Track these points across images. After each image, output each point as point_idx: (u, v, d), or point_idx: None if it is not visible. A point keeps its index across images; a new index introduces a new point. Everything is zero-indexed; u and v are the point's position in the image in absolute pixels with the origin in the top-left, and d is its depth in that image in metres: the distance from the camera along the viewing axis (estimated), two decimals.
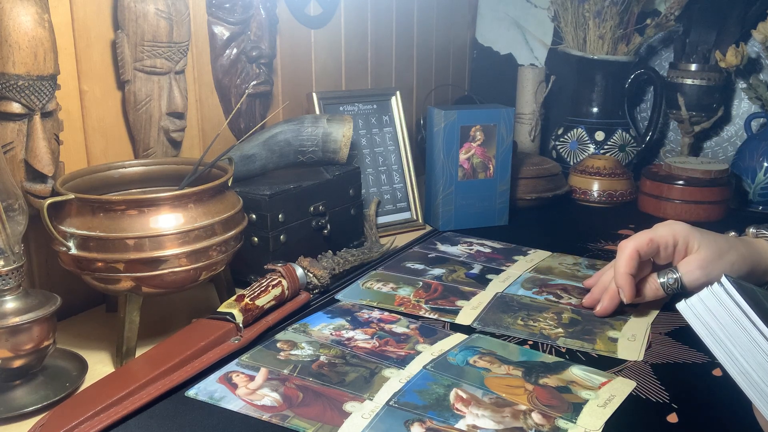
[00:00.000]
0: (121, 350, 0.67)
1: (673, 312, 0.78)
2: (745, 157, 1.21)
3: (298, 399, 0.59)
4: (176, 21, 0.80)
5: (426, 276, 0.88)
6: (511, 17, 1.53)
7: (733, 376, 0.45)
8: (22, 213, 0.61)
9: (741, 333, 0.45)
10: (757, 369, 0.44)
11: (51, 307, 0.60)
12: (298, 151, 0.94)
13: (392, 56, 1.31)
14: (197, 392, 0.61)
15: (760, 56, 1.28)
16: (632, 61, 1.32)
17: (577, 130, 1.35)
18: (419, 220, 1.11)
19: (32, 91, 0.65)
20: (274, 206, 0.83)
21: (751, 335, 0.44)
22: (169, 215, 0.65)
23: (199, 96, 0.91)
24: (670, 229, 0.74)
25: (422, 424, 0.56)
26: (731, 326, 0.45)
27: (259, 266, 0.79)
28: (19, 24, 0.63)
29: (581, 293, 0.82)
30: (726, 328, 0.46)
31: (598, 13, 1.27)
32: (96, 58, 0.77)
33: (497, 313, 0.77)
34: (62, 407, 0.57)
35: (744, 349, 0.44)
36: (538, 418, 0.57)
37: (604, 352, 0.68)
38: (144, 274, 0.64)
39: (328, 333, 0.72)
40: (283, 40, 1.04)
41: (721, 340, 0.46)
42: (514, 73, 1.45)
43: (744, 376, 0.44)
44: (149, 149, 0.82)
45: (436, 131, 1.06)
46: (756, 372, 0.44)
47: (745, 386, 0.44)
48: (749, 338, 0.44)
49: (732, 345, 0.45)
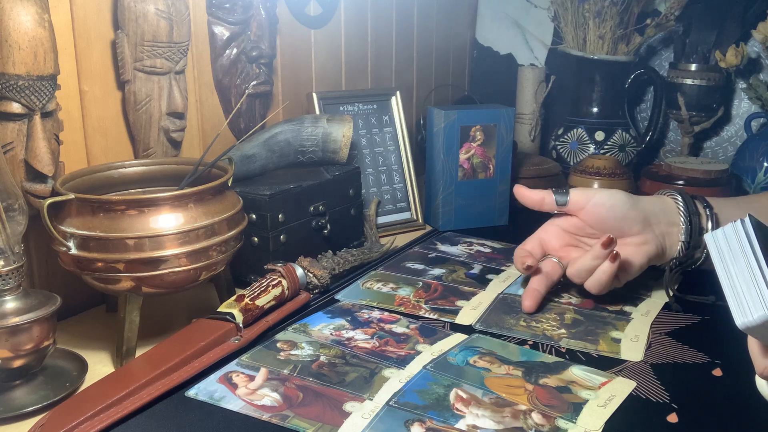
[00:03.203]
0: (121, 350, 0.67)
1: (673, 312, 0.78)
2: (745, 157, 1.21)
3: (298, 399, 0.59)
4: (176, 21, 0.80)
5: (426, 276, 0.88)
6: (511, 17, 1.53)
7: (730, 304, 0.49)
8: (22, 213, 0.61)
9: (744, 264, 0.49)
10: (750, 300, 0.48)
11: (51, 307, 0.60)
12: (298, 151, 0.94)
13: (392, 56, 1.31)
14: (197, 392, 0.61)
15: (760, 56, 1.28)
16: (632, 61, 1.32)
17: (577, 130, 1.35)
18: (419, 220, 1.11)
19: (32, 91, 0.65)
20: (274, 206, 0.83)
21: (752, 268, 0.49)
22: (169, 215, 0.65)
23: (199, 96, 0.91)
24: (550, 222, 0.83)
25: (422, 424, 0.56)
26: (738, 256, 0.50)
27: (259, 266, 0.79)
28: (19, 24, 0.63)
29: (581, 293, 0.82)
30: (735, 259, 0.50)
31: (598, 13, 1.27)
32: (96, 58, 0.77)
33: (499, 314, 0.77)
34: (62, 407, 0.57)
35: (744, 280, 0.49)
36: (538, 418, 0.57)
37: (607, 353, 0.68)
38: (144, 274, 0.64)
39: (328, 333, 0.72)
40: (283, 40, 1.04)
41: (728, 267, 0.50)
42: (514, 73, 1.45)
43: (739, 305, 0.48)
44: (149, 149, 0.82)
45: (436, 131, 1.06)
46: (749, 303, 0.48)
47: (737, 315, 0.48)
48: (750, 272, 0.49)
49: (735, 274, 0.49)
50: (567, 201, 0.79)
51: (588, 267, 0.76)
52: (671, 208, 0.79)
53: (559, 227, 0.82)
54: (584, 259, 0.76)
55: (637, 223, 0.77)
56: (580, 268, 0.76)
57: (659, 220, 0.78)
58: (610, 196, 0.78)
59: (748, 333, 0.50)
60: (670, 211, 0.78)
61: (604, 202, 0.77)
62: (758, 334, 0.50)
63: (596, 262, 0.75)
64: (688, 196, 0.79)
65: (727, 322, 0.50)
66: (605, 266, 0.75)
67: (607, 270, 0.75)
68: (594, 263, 0.75)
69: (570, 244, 0.81)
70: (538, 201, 0.81)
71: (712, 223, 0.77)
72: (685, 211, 0.78)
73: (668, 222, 0.78)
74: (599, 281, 0.76)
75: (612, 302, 0.80)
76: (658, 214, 0.78)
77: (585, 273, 0.76)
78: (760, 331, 0.48)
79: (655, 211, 0.78)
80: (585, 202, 0.78)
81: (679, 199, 0.79)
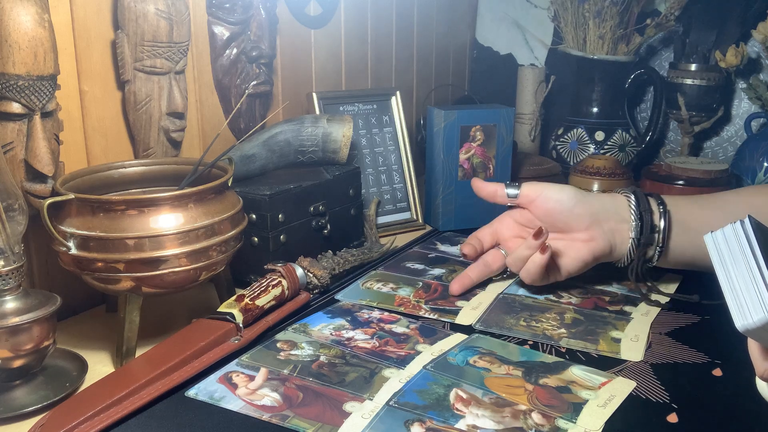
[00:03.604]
0: (121, 350, 0.67)
1: (673, 312, 0.78)
2: (745, 157, 1.21)
3: (298, 399, 0.59)
4: (176, 21, 0.80)
5: (426, 276, 0.88)
6: (511, 17, 1.53)
7: (730, 306, 0.49)
8: (22, 213, 0.61)
9: (744, 265, 0.49)
10: (750, 302, 0.48)
11: (51, 307, 0.60)
12: (298, 151, 0.94)
13: (392, 56, 1.31)
14: (197, 392, 0.61)
15: (760, 56, 1.28)
16: (632, 61, 1.32)
17: (577, 130, 1.35)
18: (419, 220, 1.11)
19: (32, 91, 0.65)
20: (274, 206, 0.83)
21: (751, 271, 0.49)
22: (169, 215, 0.65)
23: (199, 96, 0.91)
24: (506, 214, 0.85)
25: (422, 424, 0.56)
26: (738, 257, 0.50)
27: (259, 266, 0.79)
28: (19, 24, 0.63)
29: (581, 292, 0.82)
30: (734, 260, 0.50)
31: (598, 13, 1.27)
32: (96, 58, 0.77)
33: (499, 315, 0.77)
34: (62, 407, 0.57)
35: (744, 282, 0.49)
36: (538, 418, 0.57)
37: (607, 353, 0.68)
38: (144, 274, 0.64)
39: (328, 333, 0.72)
40: (283, 40, 1.04)
41: (728, 269, 0.50)
42: (514, 73, 1.45)
43: (739, 307, 0.48)
44: (149, 149, 0.82)
45: (436, 131, 1.06)
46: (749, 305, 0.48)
47: (737, 317, 0.48)
48: (750, 274, 0.49)
49: (735, 276, 0.49)
50: (517, 194, 0.82)
51: (521, 256, 0.79)
52: (622, 205, 0.79)
53: (513, 219, 0.84)
54: (519, 249, 0.79)
55: (584, 218, 0.78)
56: (516, 256, 0.80)
57: (609, 217, 0.79)
58: (559, 190, 0.80)
59: (748, 335, 0.50)
60: (621, 208, 0.79)
61: (551, 196, 0.80)
62: (758, 336, 0.49)
63: (529, 252, 0.78)
64: (642, 194, 0.80)
65: (727, 322, 0.50)
66: (536, 257, 0.77)
67: (537, 261, 0.77)
68: (527, 252, 0.78)
69: (520, 236, 0.84)
70: (491, 193, 0.84)
71: (665, 220, 0.78)
72: (635, 208, 0.78)
73: (618, 219, 0.79)
74: (529, 271, 0.79)
75: (612, 302, 0.80)
76: (608, 211, 0.79)
77: (519, 262, 0.79)
78: (760, 333, 0.48)
79: (606, 208, 0.79)
80: (534, 196, 0.81)
81: (631, 197, 0.80)
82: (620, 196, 0.81)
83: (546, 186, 0.82)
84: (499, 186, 0.84)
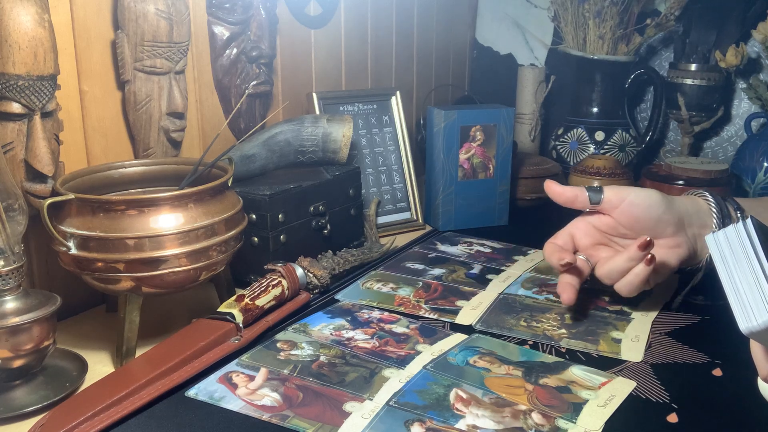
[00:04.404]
0: (121, 350, 0.67)
1: (673, 312, 0.78)
2: (745, 157, 1.21)
3: (298, 399, 0.59)
4: (176, 21, 0.80)
5: (426, 276, 0.88)
6: (511, 17, 1.53)
7: (733, 308, 0.49)
8: (22, 213, 0.61)
9: (747, 267, 0.49)
10: (753, 304, 0.47)
11: (51, 307, 0.60)
12: (298, 151, 0.94)
13: (392, 56, 1.31)
14: (197, 392, 0.61)
15: (760, 56, 1.28)
16: (632, 61, 1.32)
17: (577, 130, 1.35)
18: (419, 220, 1.11)
19: (32, 91, 0.65)
20: (274, 206, 0.83)
21: (755, 272, 0.48)
22: (169, 215, 0.65)
23: (199, 96, 0.91)
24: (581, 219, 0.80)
25: (422, 424, 0.56)
26: (741, 259, 0.49)
27: (259, 266, 0.79)
28: (19, 24, 0.63)
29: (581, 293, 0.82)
30: (737, 261, 0.50)
31: (598, 13, 1.27)
32: (96, 58, 0.77)
33: (499, 315, 0.77)
34: (62, 407, 0.57)
35: (747, 284, 0.48)
36: (538, 418, 0.57)
37: (608, 353, 0.68)
38: (144, 274, 0.64)
39: (328, 333, 0.72)
40: (283, 40, 1.04)
41: (730, 270, 0.50)
42: (514, 73, 1.45)
43: (742, 310, 0.48)
44: (149, 149, 0.82)
45: (436, 131, 1.06)
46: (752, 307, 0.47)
47: (741, 319, 0.48)
48: (753, 275, 0.48)
49: (738, 278, 0.49)
50: (601, 199, 0.76)
51: (621, 269, 0.73)
52: (704, 210, 0.76)
53: (591, 224, 0.78)
54: (617, 260, 0.73)
55: (671, 224, 0.74)
56: (613, 269, 0.73)
57: (692, 222, 0.75)
58: (647, 196, 0.75)
59: (751, 338, 0.49)
60: (702, 213, 0.76)
61: (639, 202, 0.74)
62: (762, 338, 0.49)
63: (630, 264, 0.72)
64: (720, 198, 0.77)
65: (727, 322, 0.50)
66: (639, 269, 0.72)
67: (641, 273, 0.72)
68: (628, 265, 0.72)
69: (600, 243, 0.78)
70: (570, 198, 0.77)
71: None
72: (718, 213, 0.75)
73: (700, 224, 0.76)
74: (631, 284, 0.73)
75: (612, 302, 0.80)
76: (691, 216, 0.76)
77: (617, 275, 0.73)
78: (764, 335, 0.48)
79: (689, 213, 0.76)
80: (619, 201, 0.75)
81: (712, 201, 0.76)
82: (699, 200, 0.77)
83: (630, 190, 0.76)
84: (580, 191, 0.77)
